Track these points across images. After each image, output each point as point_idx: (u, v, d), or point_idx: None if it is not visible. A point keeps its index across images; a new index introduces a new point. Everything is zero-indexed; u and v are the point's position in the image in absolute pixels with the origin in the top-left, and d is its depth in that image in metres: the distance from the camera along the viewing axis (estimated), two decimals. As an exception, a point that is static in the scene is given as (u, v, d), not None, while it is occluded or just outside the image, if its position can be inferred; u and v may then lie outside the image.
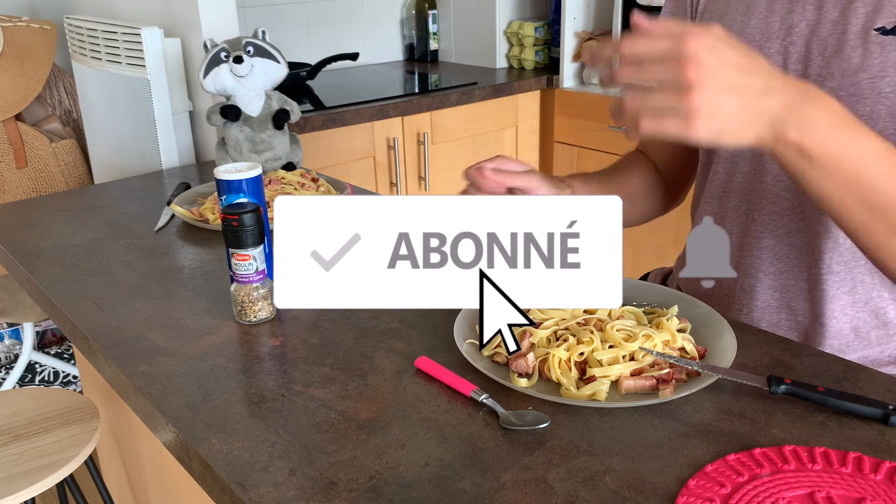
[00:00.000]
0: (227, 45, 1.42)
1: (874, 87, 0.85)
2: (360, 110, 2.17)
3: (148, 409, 0.79)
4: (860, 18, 0.86)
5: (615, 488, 0.63)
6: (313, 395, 0.78)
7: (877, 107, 0.85)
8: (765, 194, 0.95)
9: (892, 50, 0.84)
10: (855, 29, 0.86)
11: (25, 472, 1.25)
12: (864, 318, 0.92)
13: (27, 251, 1.19)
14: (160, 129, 1.65)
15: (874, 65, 0.85)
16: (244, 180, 1.00)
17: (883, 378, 0.77)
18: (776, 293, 0.97)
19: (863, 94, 0.86)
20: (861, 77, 0.86)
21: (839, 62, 0.87)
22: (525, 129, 2.60)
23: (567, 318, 0.82)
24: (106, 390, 1.48)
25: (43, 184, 2.19)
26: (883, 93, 0.85)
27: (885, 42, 0.85)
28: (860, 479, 0.63)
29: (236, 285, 0.93)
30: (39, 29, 2.20)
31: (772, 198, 0.94)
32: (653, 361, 0.77)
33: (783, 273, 0.96)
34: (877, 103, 0.85)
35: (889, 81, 0.85)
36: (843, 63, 0.87)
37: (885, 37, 0.85)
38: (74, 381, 2.61)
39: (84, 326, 0.94)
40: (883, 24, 0.85)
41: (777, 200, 0.94)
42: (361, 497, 0.63)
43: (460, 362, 0.81)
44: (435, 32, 2.87)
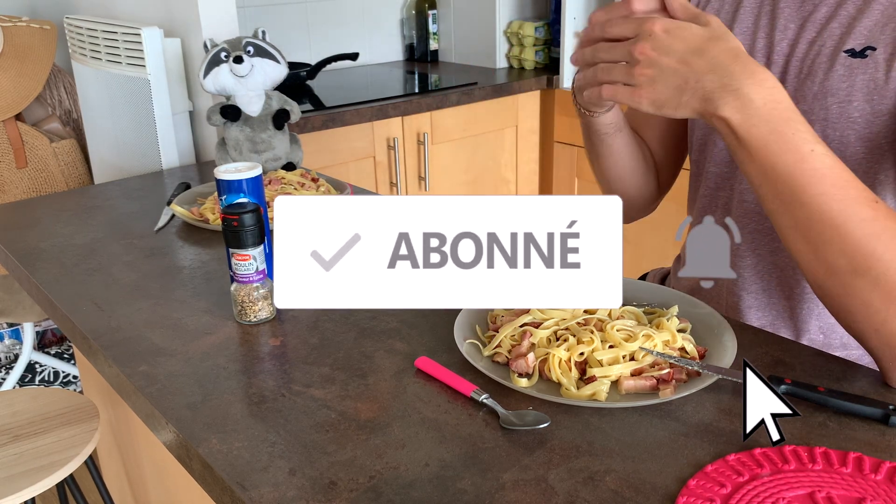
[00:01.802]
0: (227, 45, 1.42)
1: (843, 111, 0.84)
2: (360, 110, 2.17)
3: (148, 409, 0.79)
4: (833, 40, 0.85)
5: (615, 488, 0.63)
6: (313, 395, 0.78)
7: (846, 132, 0.84)
8: (747, 212, 0.95)
9: (859, 73, 0.83)
10: (827, 51, 0.85)
11: (25, 472, 1.25)
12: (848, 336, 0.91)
13: (27, 251, 1.19)
14: (160, 129, 1.65)
15: (842, 88, 0.84)
16: (244, 180, 1.00)
17: (882, 378, 0.77)
18: (758, 311, 0.97)
19: (832, 119, 0.85)
20: (830, 101, 0.85)
21: (811, 85, 0.86)
22: (525, 129, 2.60)
23: (567, 318, 0.82)
24: (106, 390, 1.48)
25: (43, 184, 2.19)
26: (851, 117, 0.84)
27: (852, 65, 0.83)
28: (860, 479, 0.63)
29: (236, 285, 0.93)
30: (39, 29, 2.20)
31: (754, 216, 0.94)
32: (653, 361, 0.77)
33: (765, 291, 0.96)
34: (846, 128, 0.84)
35: (856, 106, 0.83)
36: (815, 86, 0.86)
37: (854, 59, 0.83)
38: (74, 381, 2.61)
39: (84, 326, 0.94)
40: (852, 46, 0.84)
41: (759, 220, 0.94)
42: (361, 497, 0.63)
43: (460, 362, 0.81)
44: (435, 32, 2.87)
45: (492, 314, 0.88)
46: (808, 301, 0.93)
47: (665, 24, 0.73)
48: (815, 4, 0.88)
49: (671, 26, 0.73)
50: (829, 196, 0.69)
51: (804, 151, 0.70)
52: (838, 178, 0.70)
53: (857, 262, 0.70)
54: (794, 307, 0.94)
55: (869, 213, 0.69)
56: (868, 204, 0.70)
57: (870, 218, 0.69)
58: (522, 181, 2.66)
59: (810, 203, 0.70)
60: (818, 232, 0.71)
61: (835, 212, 0.69)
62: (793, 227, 0.73)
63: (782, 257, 0.93)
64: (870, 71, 0.82)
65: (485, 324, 0.88)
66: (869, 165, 0.85)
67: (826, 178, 0.70)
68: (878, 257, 0.69)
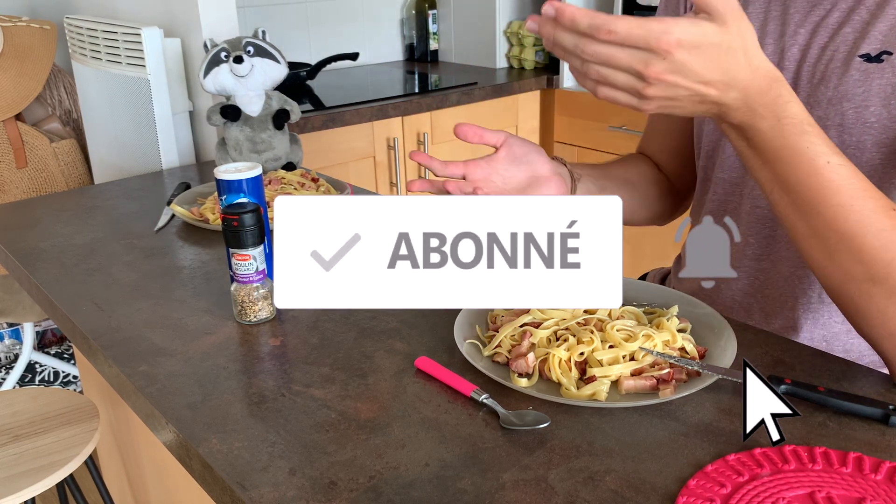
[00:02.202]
0: (227, 45, 1.42)
1: (859, 116, 0.83)
2: (360, 110, 2.17)
3: (148, 409, 0.79)
4: (847, 45, 0.84)
5: (615, 488, 0.63)
6: (313, 395, 0.78)
7: (863, 137, 0.84)
8: (760, 218, 0.94)
9: (875, 78, 0.82)
10: (841, 56, 0.84)
11: (25, 472, 1.25)
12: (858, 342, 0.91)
13: (27, 251, 1.19)
14: (160, 129, 1.65)
15: (858, 93, 0.83)
16: (244, 180, 1.00)
17: (883, 378, 0.77)
18: (762, 313, 0.96)
19: (848, 125, 0.84)
20: (846, 106, 0.84)
21: (825, 90, 0.85)
22: (525, 129, 2.60)
23: (567, 318, 0.82)
24: (106, 390, 1.48)
25: (43, 184, 2.19)
26: (868, 122, 0.83)
27: (868, 70, 0.82)
28: (860, 479, 0.63)
29: (236, 285, 0.93)
30: (39, 29, 2.20)
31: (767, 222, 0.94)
32: (653, 361, 0.77)
33: (768, 299, 0.95)
34: (863, 133, 0.84)
35: (873, 111, 0.83)
36: (829, 92, 0.85)
37: (869, 64, 0.82)
38: (74, 381, 2.61)
39: (84, 326, 0.94)
40: (867, 51, 0.83)
41: (773, 226, 0.93)
42: (361, 497, 0.63)
43: (460, 362, 0.81)
44: (435, 32, 2.87)
45: (492, 314, 0.88)
46: (815, 311, 0.92)
47: (678, 38, 0.63)
48: (827, 10, 0.87)
49: (686, 41, 0.63)
50: (846, 207, 0.69)
51: (819, 164, 0.69)
52: (856, 188, 0.69)
53: (874, 270, 0.70)
54: (800, 317, 0.94)
55: (887, 222, 0.69)
56: (886, 213, 0.69)
57: (888, 228, 0.69)
58: (522, 181, 2.66)
59: (826, 214, 0.70)
60: (835, 241, 0.71)
61: (851, 223, 0.69)
62: (808, 236, 0.72)
63: (789, 266, 0.92)
64: (887, 75, 0.81)
65: (485, 324, 0.88)
66: (885, 170, 0.84)
67: (842, 189, 0.69)
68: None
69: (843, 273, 0.72)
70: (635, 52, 0.64)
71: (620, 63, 0.65)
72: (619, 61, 0.65)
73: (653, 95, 0.67)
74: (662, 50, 0.63)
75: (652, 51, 0.64)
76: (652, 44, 0.63)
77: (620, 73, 0.66)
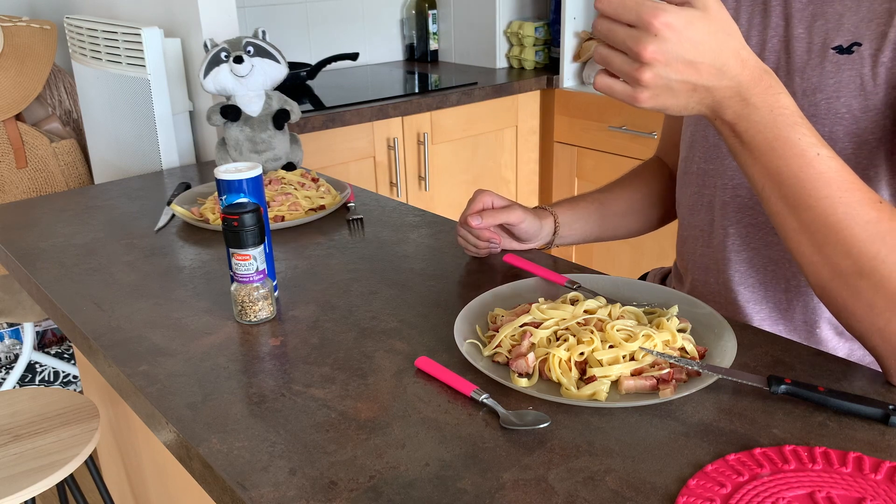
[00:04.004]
0: (227, 45, 1.42)
1: (830, 107, 0.85)
2: (360, 110, 2.17)
3: (148, 409, 0.79)
4: (821, 36, 0.85)
5: (615, 488, 0.63)
6: (314, 395, 0.78)
7: (835, 127, 0.85)
8: (741, 207, 0.95)
9: (846, 70, 0.83)
10: (816, 47, 0.86)
11: (25, 472, 1.25)
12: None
13: (27, 251, 1.19)
14: (160, 129, 1.65)
15: (829, 84, 0.84)
16: (244, 180, 1.00)
17: (883, 378, 0.77)
18: (756, 305, 0.97)
19: (821, 115, 0.85)
20: (818, 97, 0.85)
21: (800, 81, 0.87)
22: (525, 129, 2.60)
23: (567, 318, 0.82)
24: (106, 390, 1.48)
25: (43, 184, 2.19)
26: (839, 113, 0.84)
27: (840, 61, 0.84)
28: (860, 479, 0.63)
29: (236, 285, 0.93)
30: (39, 29, 2.20)
31: (748, 211, 0.94)
32: (653, 361, 0.77)
33: (762, 285, 0.96)
34: (835, 124, 0.85)
35: (844, 102, 0.84)
36: (804, 82, 0.86)
37: (841, 56, 0.84)
38: (74, 381, 2.61)
39: (84, 326, 0.94)
40: (840, 43, 0.84)
41: (753, 214, 0.94)
42: (362, 497, 0.63)
43: (460, 362, 0.81)
44: (435, 32, 2.87)
45: (492, 314, 0.88)
46: (805, 293, 0.93)
47: (668, 20, 0.66)
48: (804, 1, 0.88)
49: (675, 23, 0.66)
50: (835, 199, 0.70)
51: (810, 156, 0.70)
52: (844, 180, 0.70)
53: (861, 263, 0.70)
54: (791, 299, 0.94)
55: (874, 214, 0.70)
56: (872, 206, 0.70)
57: (874, 220, 0.69)
58: (522, 181, 2.67)
59: (816, 206, 0.70)
60: (823, 234, 0.71)
61: (840, 214, 0.70)
62: (798, 230, 0.73)
63: (777, 251, 0.94)
64: (856, 67, 0.83)
65: (485, 324, 0.88)
66: (858, 161, 0.85)
67: (832, 181, 0.70)
68: (882, 259, 0.69)
69: (832, 268, 0.72)
70: (630, 30, 0.67)
71: (616, 38, 0.68)
72: (616, 36, 0.68)
73: (647, 82, 0.68)
74: (654, 27, 0.66)
75: (644, 28, 0.66)
76: (644, 16, 0.66)
77: (616, 53, 0.69)
